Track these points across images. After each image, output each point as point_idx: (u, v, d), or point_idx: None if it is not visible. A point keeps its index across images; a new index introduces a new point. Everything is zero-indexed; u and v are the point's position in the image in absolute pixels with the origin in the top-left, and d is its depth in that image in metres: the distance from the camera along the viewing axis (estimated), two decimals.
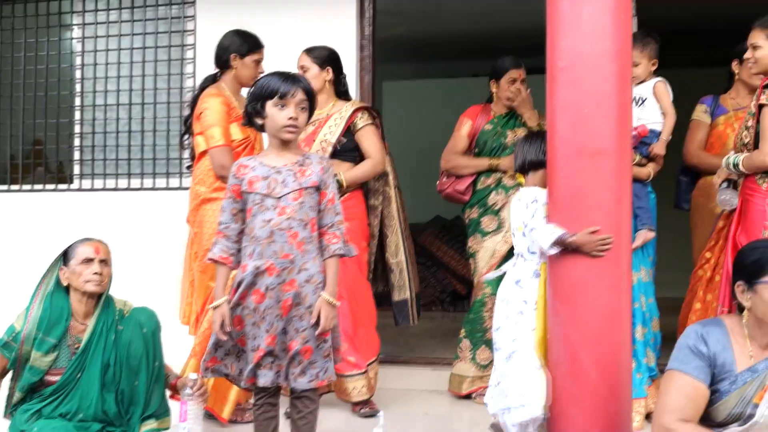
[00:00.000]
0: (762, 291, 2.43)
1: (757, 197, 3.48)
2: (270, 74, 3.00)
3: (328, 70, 4.12)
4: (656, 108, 3.94)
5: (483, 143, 4.46)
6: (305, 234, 2.88)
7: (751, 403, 2.43)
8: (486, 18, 6.44)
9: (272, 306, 2.87)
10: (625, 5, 2.97)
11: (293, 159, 2.95)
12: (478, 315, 4.39)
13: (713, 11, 5.96)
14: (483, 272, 4.34)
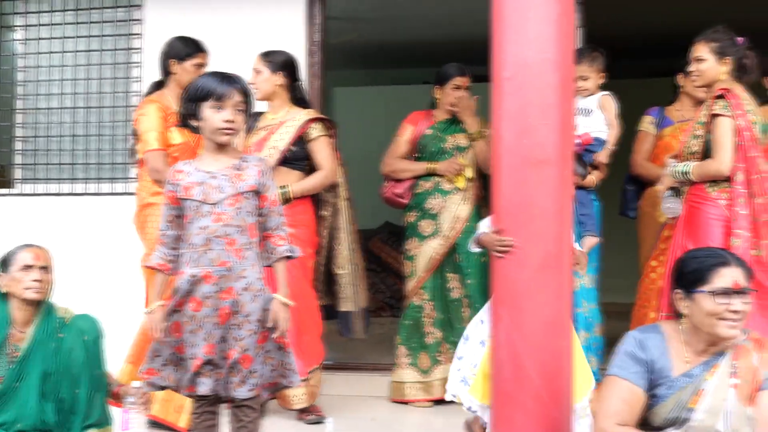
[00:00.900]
0: (699, 300, 2.48)
1: (707, 205, 3.56)
2: (205, 75, 2.93)
3: (280, 75, 4.10)
4: (602, 119, 4.05)
5: (423, 147, 4.52)
6: (243, 240, 2.82)
7: (686, 407, 2.49)
8: (436, 26, 6.48)
9: (210, 314, 2.81)
10: (569, 16, 3.02)
11: (229, 162, 2.87)
12: (415, 320, 4.43)
13: (657, 23, 6.09)
14: (420, 276, 4.40)
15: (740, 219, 3.47)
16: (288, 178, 4.05)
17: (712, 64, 3.61)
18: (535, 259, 2.90)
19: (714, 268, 2.49)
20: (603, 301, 4.12)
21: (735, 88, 3.55)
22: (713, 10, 5.06)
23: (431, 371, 4.41)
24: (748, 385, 2.47)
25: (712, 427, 2.46)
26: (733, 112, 3.49)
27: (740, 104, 3.50)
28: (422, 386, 4.40)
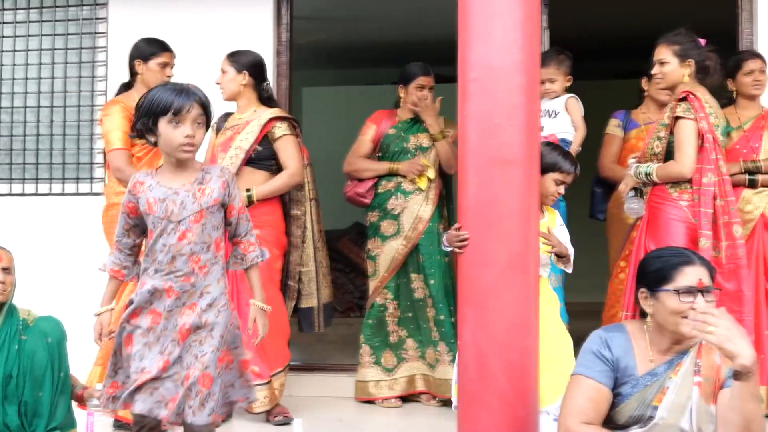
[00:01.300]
0: (663, 298, 2.51)
1: (668, 205, 3.60)
2: (160, 87, 2.75)
3: (245, 75, 4.08)
4: (567, 121, 4.10)
5: (386, 147, 4.52)
6: (208, 256, 2.72)
7: (651, 405, 2.51)
8: (404, 26, 6.49)
9: (168, 329, 2.69)
10: (534, 18, 3.04)
11: (191, 177, 2.74)
12: (378, 320, 4.44)
13: (621, 25, 6.15)
14: (383, 275, 4.42)
15: (704, 218, 3.52)
16: (254, 178, 4.04)
17: (675, 67, 3.65)
18: (500, 259, 2.92)
19: (678, 267, 2.52)
20: (571, 300, 4.15)
21: (697, 90, 3.60)
22: (677, 12, 5.13)
23: (396, 369, 4.43)
24: (711, 383, 2.49)
25: (675, 425, 2.48)
26: (695, 115, 3.54)
27: (702, 107, 3.55)
28: (387, 384, 4.41)
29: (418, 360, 4.42)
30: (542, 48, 4.58)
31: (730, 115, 4.21)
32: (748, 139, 4.16)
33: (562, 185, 3.42)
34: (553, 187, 3.39)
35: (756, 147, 4.14)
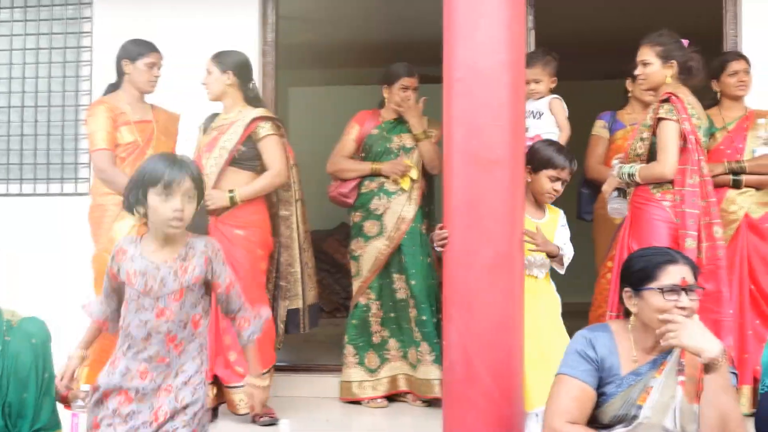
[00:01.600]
0: (648, 297, 2.52)
1: (651, 206, 3.62)
2: (153, 158, 2.69)
3: (229, 75, 4.08)
4: (552, 122, 4.12)
5: (369, 147, 4.52)
6: (185, 334, 2.63)
7: (635, 404, 2.52)
8: (390, 26, 6.49)
9: (141, 411, 2.60)
10: (520, 19, 3.06)
11: (175, 252, 2.64)
12: (362, 320, 4.44)
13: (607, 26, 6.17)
14: (366, 276, 4.43)
15: (690, 219, 3.54)
16: (237, 179, 4.03)
17: (658, 68, 3.67)
18: (485, 259, 2.93)
19: (662, 266, 2.53)
20: None
21: (680, 91, 3.61)
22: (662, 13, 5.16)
23: (379, 369, 4.43)
24: (694, 383, 2.50)
25: (659, 424, 2.49)
26: (677, 116, 3.56)
27: (685, 108, 3.57)
28: (370, 384, 4.42)
29: (401, 360, 4.43)
30: (528, 48, 4.60)
31: (714, 116, 4.24)
32: (732, 140, 4.18)
33: (558, 182, 3.41)
34: (548, 184, 3.39)
35: (740, 147, 4.16)
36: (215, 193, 3.95)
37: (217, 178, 3.99)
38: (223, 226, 3.98)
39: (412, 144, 4.47)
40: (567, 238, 3.44)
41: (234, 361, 3.92)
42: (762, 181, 4.11)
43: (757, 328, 4.03)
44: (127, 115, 4.06)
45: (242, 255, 3.97)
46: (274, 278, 4.19)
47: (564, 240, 3.42)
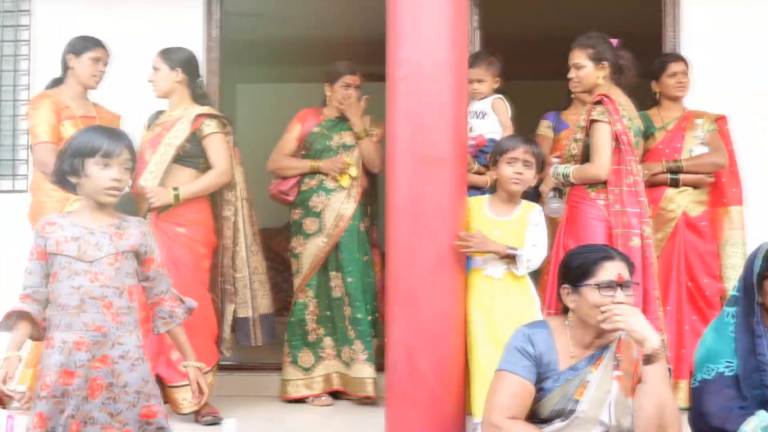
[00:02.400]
0: (585, 293, 2.56)
1: (586, 205, 3.67)
2: (89, 129, 2.70)
3: (178, 72, 4.04)
4: (495, 121, 4.15)
5: (309, 145, 4.51)
6: (121, 303, 2.57)
7: (572, 399, 2.56)
8: (337, 24, 6.48)
9: (80, 386, 2.51)
10: (463, 18, 3.09)
11: (109, 221, 2.63)
12: (299, 317, 4.44)
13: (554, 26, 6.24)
14: (306, 273, 4.41)
15: (633, 218, 3.61)
16: (180, 176, 3.98)
17: (591, 70, 3.73)
18: (429, 257, 2.96)
19: (599, 262, 2.57)
20: None
21: (613, 92, 3.68)
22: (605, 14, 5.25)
23: (313, 368, 4.41)
24: (629, 377, 2.55)
25: (595, 418, 2.54)
26: (610, 118, 3.62)
27: (617, 109, 3.63)
28: (304, 383, 4.40)
29: (335, 359, 4.42)
30: (474, 48, 4.65)
31: (653, 116, 4.33)
32: (670, 140, 4.27)
33: (517, 163, 3.32)
34: (507, 169, 3.32)
35: (678, 147, 4.25)
36: (159, 190, 3.91)
37: (162, 175, 3.94)
38: (164, 223, 3.93)
39: (352, 142, 4.46)
40: (538, 239, 3.35)
41: (177, 359, 3.86)
42: (699, 180, 4.20)
43: (694, 324, 4.13)
44: (71, 109, 4.01)
45: (184, 253, 3.93)
46: (220, 282, 4.11)
47: (534, 240, 3.33)
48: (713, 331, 2.65)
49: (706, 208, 4.25)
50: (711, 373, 2.55)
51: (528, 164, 3.34)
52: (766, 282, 2.55)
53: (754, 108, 4.59)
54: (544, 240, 3.39)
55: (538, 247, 3.33)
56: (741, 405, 2.48)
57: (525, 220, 3.32)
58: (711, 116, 4.30)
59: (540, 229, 3.38)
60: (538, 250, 3.33)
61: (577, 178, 3.68)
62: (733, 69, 4.65)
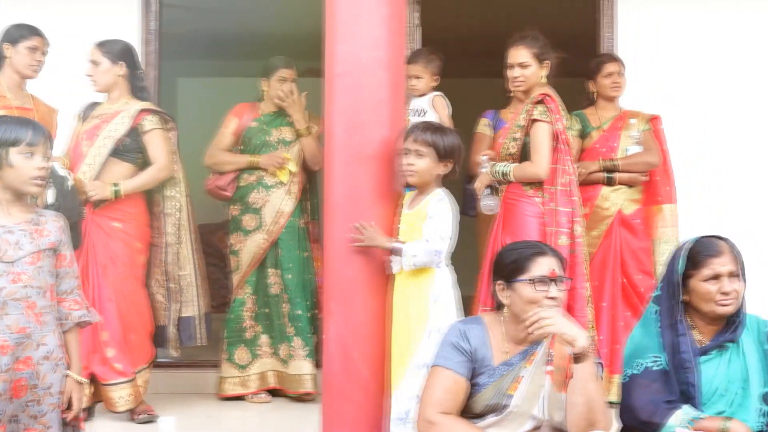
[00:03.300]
0: (519, 289, 2.59)
1: (523, 202, 3.73)
2: (7, 119, 2.64)
3: (122, 66, 3.98)
4: (434, 118, 4.17)
5: (248, 140, 4.48)
6: (44, 303, 2.50)
7: (506, 394, 2.58)
8: (278, 18, 6.44)
9: (4, 390, 2.44)
10: (400, 15, 3.10)
11: (26, 217, 2.54)
12: (237, 314, 4.41)
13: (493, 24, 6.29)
14: (244, 270, 4.39)
15: (563, 217, 3.67)
16: (117, 170, 3.93)
17: (535, 69, 3.77)
18: (365, 254, 2.96)
19: (532, 258, 2.60)
20: None
21: (551, 92, 3.73)
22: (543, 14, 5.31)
23: (249, 366, 4.39)
24: (561, 373, 2.58)
25: (528, 412, 2.57)
26: (551, 117, 3.68)
27: (558, 109, 3.69)
28: (239, 381, 4.37)
29: (271, 357, 4.40)
30: (415, 45, 4.67)
31: (590, 116, 4.40)
32: (606, 139, 4.35)
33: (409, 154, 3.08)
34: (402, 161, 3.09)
35: (614, 146, 4.33)
36: (98, 184, 3.84)
37: (99, 168, 3.87)
38: (99, 218, 3.87)
39: (292, 137, 4.45)
40: (432, 231, 3.06)
41: (112, 357, 3.81)
42: (633, 178, 4.29)
43: (627, 320, 4.21)
44: (7, 99, 3.92)
45: (120, 248, 3.88)
46: (164, 281, 4.05)
47: (427, 234, 3.06)
48: (641, 327, 2.71)
49: (640, 206, 4.34)
50: (639, 368, 2.60)
51: (421, 154, 3.08)
52: (690, 281, 2.60)
53: (687, 108, 4.72)
54: (439, 233, 3.06)
55: (431, 242, 3.04)
56: (668, 399, 2.53)
57: (424, 213, 3.11)
58: (645, 116, 4.39)
59: (434, 221, 3.07)
60: (427, 244, 3.04)
61: (517, 176, 3.72)
62: (667, 69, 4.78)
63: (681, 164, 4.47)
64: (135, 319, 3.90)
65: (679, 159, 4.46)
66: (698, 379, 2.55)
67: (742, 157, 4.77)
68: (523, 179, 3.72)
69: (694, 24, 4.82)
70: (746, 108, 4.78)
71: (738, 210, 4.73)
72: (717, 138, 4.77)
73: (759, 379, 2.57)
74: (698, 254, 2.60)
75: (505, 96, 4.81)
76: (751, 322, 2.64)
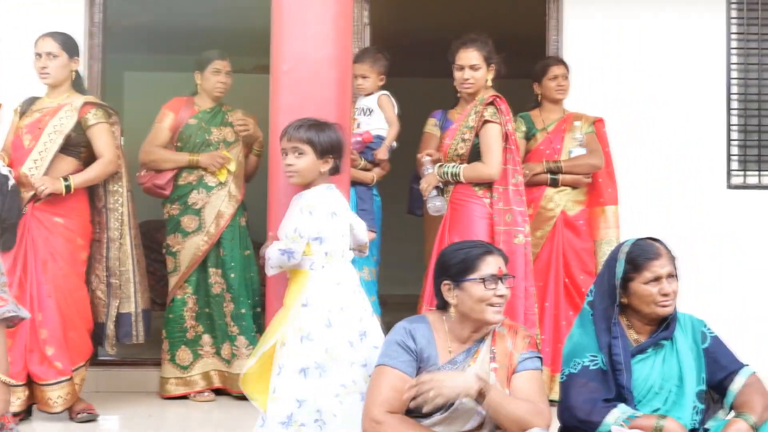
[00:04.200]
0: (469, 288, 2.60)
1: (472, 204, 3.76)
2: None
3: (76, 60, 3.94)
4: (382, 118, 4.18)
5: (187, 138, 4.41)
6: None
7: None
8: (228, 14, 6.38)
9: None
10: (347, 14, 3.10)
11: None
12: (177, 314, 4.35)
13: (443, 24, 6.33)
14: (183, 271, 4.33)
15: (518, 216, 3.72)
16: (61, 165, 3.86)
17: (484, 72, 3.82)
18: None
19: (481, 257, 2.62)
20: (389, 293, 4.24)
21: (497, 94, 3.78)
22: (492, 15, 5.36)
23: (191, 366, 4.34)
24: (505, 369, 2.62)
25: (473, 409, 2.58)
26: (501, 119, 3.72)
27: (508, 111, 3.74)
28: (182, 381, 4.31)
29: (213, 356, 4.35)
30: (363, 44, 4.66)
31: (535, 118, 4.45)
32: (551, 141, 4.40)
33: (288, 154, 2.97)
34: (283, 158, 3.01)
35: (558, 148, 4.39)
36: (47, 179, 3.77)
37: (48, 164, 3.80)
38: (41, 213, 3.79)
39: (233, 138, 4.40)
40: (283, 232, 2.96)
41: (52, 355, 3.73)
42: (577, 180, 4.35)
43: (570, 319, 4.24)
44: None
45: (61, 244, 3.81)
46: (105, 276, 3.97)
47: (281, 233, 2.98)
48: (579, 326, 2.74)
49: (583, 207, 4.40)
50: (577, 368, 2.64)
51: (300, 152, 2.95)
52: (631, 284, 2.64)
53: (630, 111, 4.81)
54: (288, 232, 2.92)
55: (281, 242, 2.93)
56: (605, 398, 2.58)
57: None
58: (589, 119, 4.45)
59: (286, 221, 2.97)
60: (278, 244, 2.93)
61: (468, 177, 3.75)
62: (611, 73, 4.86)
63: (624, 166, 4.55)
64: (75, 316, 3.83)
65: (622, 161, 4.54)
66: (630, 381, 2.60)
67: (683, 157, 4.88)
68: (474, 180, 3.75)
69: (636, 28, 4.91)
70: (685, 110, 4.89)
71: (679, 211, 4.84)
72: (658, 139, 4.87)
73: (693, 378, 2.63)
74: (638, 257, 2.64)
75: (453, 96, 4.86)
76: (685, 321, 2.70)
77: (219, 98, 4.48)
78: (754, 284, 4.84)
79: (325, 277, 2.95)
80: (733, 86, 4.94)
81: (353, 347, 2.92)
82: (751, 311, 4.79)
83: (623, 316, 2.69)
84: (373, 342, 2.94)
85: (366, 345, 2.94)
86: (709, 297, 4.57)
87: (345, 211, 3.03)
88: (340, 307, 2.94)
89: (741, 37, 4.94)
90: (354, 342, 2.93)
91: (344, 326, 2.92)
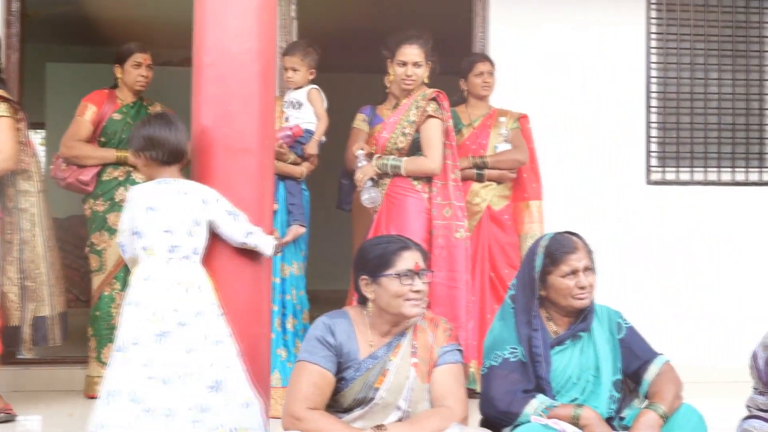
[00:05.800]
0: (385, 283, 2.61)
1: (410, 197, 3.81)
2: None
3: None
4: (311, 111, 4.16)
5: (112, 134, 4.33)
6: None
7: (373, 387, 2.62)
8: (152, 5, 6.28)
9: None
10: (271, 7, 3.07)
11: None
12: (105, 312, 4.27)
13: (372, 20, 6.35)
14: (110, 270, 4.25)
15: (459, 211, 3.76)
16: None
17: (424, 69, 3.87)
18: (231, 247, 2.93)
19: (397, 252, 2.64)
20: (317, 288, 4.23)
21: None
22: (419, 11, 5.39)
23: None
24: (425, 363, 2.65)
25: (394, 404, 2.61)
26: (443, 114, 3.77)
27: (448, 108, 3.78)
28: None
29: None
30: (291, 38, 4.64)
31: (461, 113, 4.50)
32: (477, 136, 4.45)
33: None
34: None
35: (484, 144, 4.44)
36: None
37: None
38: None
39: None
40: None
41: None
42: (503, 175, 4.41)
43: (495, 313, 4.33)
44: None
45: None
46: (18, 279, 3.84)
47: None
48: (500, 319, 2.80)
49: (508, 202, 4.47)
50: (497, 360, 2.69)
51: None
52: (549, 277, 2.70)
53: (554, 107, 4.90)
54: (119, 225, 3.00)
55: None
56: (524, 389, 2.63)
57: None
58: (514, 115, 4.52)
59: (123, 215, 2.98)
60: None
61: (409, 171, 3.78)
62: (535, 71, 4.94)
63: (547, 162, 4.63)
64: None
65: (546, 157, 4.62)
66: (549, 372, 2.66)
67: (604, 153, 4.99)
68: (415, 173, 3.78)
69: (560, 25, 5.00)
70: (606, 106, 5.00)
71: (601, 206, 4.95)
72: (580, 136, 4.97)
73: (610, 367, 2.70)
74: (555, 251, 2.70)
75: (381, 92, 4.87)
76: (602, 312, 2.77)
77: (140, 92, 4.39)
78: (668, 275, 4.98)
79: (137, 273, 2.88)
80: (653, 85, 5.07)
81: (141, 345, 2.82)
82: (667, 301, 4.94)
83: (543, 308, 2.75)
84: (201, 334, 2.82)
85: (180, 339, 2.79)
86: (629, 289, 4.69)
87: (174, 206, 2.87)
88: (136, 302, 2.82)
89: (660, 37, 5.08)
90: (143, 340, 2.82)
91: (131, 322, 2.83)
